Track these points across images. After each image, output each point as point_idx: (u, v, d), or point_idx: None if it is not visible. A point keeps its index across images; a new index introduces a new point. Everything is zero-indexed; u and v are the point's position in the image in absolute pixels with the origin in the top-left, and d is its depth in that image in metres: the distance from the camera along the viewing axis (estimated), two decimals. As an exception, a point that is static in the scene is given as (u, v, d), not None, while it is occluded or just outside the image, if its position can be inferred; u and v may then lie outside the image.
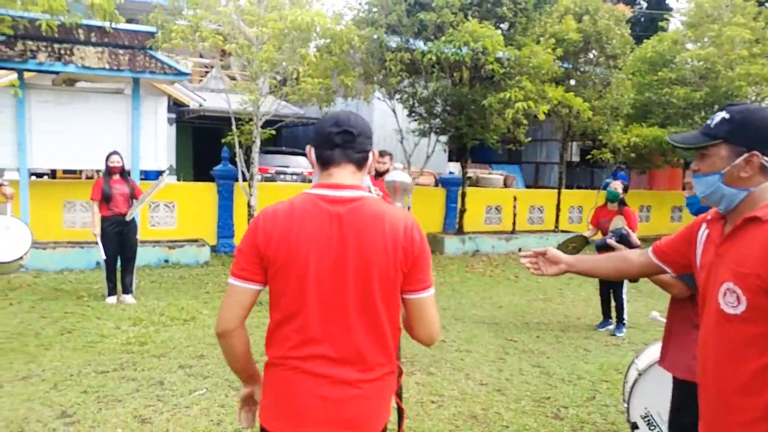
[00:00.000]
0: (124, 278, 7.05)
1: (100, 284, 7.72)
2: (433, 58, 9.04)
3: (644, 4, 24.54)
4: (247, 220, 9.83)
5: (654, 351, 3.85)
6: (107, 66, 8.38)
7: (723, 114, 1.73)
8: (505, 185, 16.66)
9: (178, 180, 13.70)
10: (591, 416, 4.41)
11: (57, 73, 8.68)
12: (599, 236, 6.53)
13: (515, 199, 11.93)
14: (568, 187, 15.46)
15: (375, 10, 9.67)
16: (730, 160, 1.69)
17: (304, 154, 16.16)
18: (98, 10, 7.62)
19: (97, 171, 13.65)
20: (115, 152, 6.95)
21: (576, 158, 19.38)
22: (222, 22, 8.33)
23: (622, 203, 6.32)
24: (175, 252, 9.09)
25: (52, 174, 13.31)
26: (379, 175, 6.54)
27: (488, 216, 12.51)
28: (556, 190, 13.08)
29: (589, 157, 13.24)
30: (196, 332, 5.91)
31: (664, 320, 4.18)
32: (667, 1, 25.93)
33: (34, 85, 8.76)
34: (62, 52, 8.26)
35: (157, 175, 11.77)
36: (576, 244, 6.59)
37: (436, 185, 13.97)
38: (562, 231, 12.83)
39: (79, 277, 8.16)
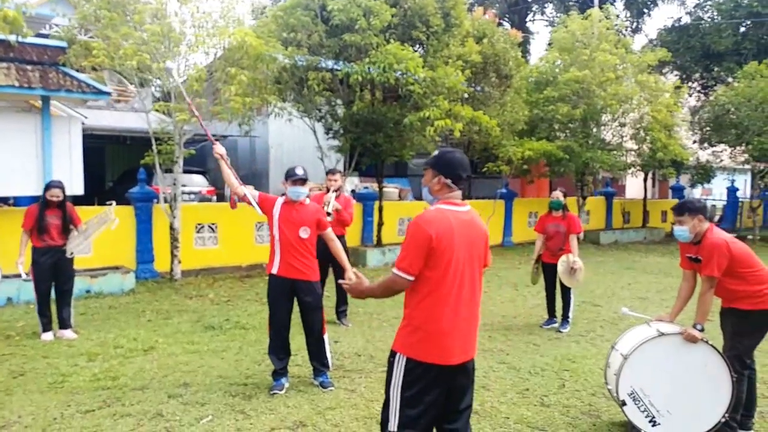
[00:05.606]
0: (60, 312, 6.53)
1: (21, 321, 7.13)
2: (359, 78, 9.37)
3: (508, 26, 26.78)
4: (171, 243, 9.46)
5: (631, 338, 4.47)
6: (16, 83, 7.73)
7: (435, 152, 3.01)
8: (400, 198, 17.33)
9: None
10: (570, 401, 4.95)
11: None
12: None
13: (426, 210, 12.53)
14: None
15: (296, 31, 9.80)
16: (432, 178, 2.93)
17: (201, 173, 15.73)
18: (10, 23, 7.09)
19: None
20: (57, 184, 6.40)
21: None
22: (147, 40, 8.03)
23: (566, 209, 7.04)
24: (97, 281, 8.51)
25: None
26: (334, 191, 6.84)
27: (401, 228, 13.01)
28: (459, 201, 13.89)
29: (485, 169, 14.25)
30: (165, 361, 5.69)
31: (636, 314, 4.85)
32: (527, 25, 28.50)
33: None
34: (-39, 67, 7.51)
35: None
36: (538, 268, 7.32)
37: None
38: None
39: (-13, 315, 7.38)
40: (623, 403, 4.21)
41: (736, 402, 4.10)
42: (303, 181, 4.89)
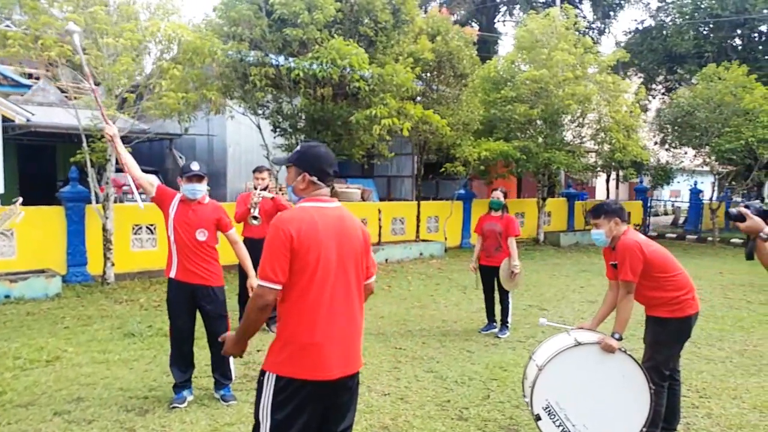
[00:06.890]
0: (-39, 320, 6.10)
1: None
2: (300, 74, 9.03)
3: (476, 27, 26.66)
4: (104, 245, 9.01)
5: (548, 347, 4.21)
6: (-75, 75, 7.24)
7: (297, 148, 2.71)
8: (363, 198, 17.00)
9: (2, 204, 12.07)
10: (491, 414, 4.67)
11: None
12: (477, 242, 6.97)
13: (380, 211, 12.26)
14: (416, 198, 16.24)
15: (237, 25, 9.41)
16: (296, 177, 2.64)
17: (155, 172, 15.19)
18: None
19: None
20: None
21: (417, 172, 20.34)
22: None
23: (505, 210, 6.80)
24: (18, 285, 8.03)
25: None
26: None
27: (355, 230, 12.64)
28: (415, 202, 13.63)
29: (443, 170, 14.00)
30: (66, 373, 5.29)
31: (555, 324, 4.60)
32: (496, 26, 28.41)
33: None
34: None
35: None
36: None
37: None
38: (423, 240, 13.43)
39: None
40: (537, 418, 3.94)
41: (655, 415, 3.86)
42: (199, 177, 4.52)
